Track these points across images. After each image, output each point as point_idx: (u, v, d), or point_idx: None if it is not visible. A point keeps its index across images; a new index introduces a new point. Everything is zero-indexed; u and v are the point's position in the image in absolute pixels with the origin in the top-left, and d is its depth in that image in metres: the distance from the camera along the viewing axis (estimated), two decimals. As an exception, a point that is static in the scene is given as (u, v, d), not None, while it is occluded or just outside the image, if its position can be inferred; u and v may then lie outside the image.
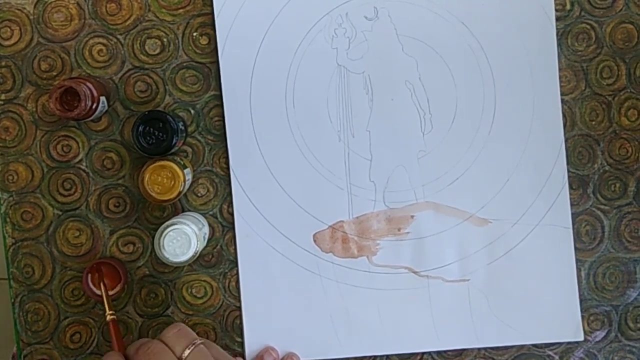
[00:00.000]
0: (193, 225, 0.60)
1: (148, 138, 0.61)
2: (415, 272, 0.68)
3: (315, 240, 0.67)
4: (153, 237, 0.67)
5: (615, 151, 0.68)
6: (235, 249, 0.67)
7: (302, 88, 0.67)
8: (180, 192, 0.62)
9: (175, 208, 0.67)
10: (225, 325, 0.68)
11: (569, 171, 0.68)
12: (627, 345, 0.69)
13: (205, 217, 0.67)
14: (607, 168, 0.68)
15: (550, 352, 0.68)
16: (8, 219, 0.66)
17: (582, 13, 0.67)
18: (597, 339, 0.69)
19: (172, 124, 0.61)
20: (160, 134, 0.61)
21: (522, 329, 0.68)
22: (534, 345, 0.68)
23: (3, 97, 0.66)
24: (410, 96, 0.67)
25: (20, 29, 0.66)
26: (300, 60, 0.67)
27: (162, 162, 0.61)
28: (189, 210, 0.67)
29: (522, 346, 0.68)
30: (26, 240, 0.67)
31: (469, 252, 0.68)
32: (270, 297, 0.67)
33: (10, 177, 0.66)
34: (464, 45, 0.67)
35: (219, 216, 0.67)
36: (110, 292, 0.65)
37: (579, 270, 0.68)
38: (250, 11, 0.66)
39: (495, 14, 0.67)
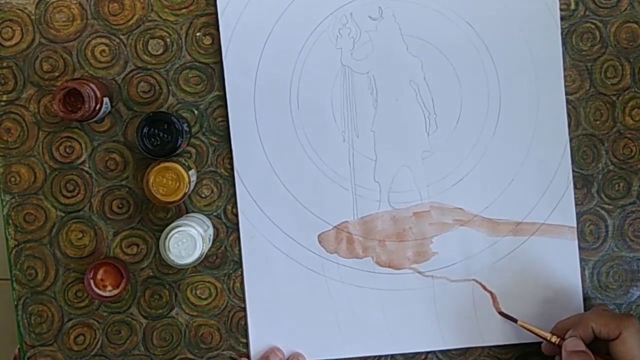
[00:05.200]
0: (198, 227, 0.60)
1: (153, 139, 0.61)
2: (420, 272, 0.68)
3: (320, 241, 0.67)
4: (157, 239, 0.66)
5: (620, 151, 0.68)
6: (239, 249, 0.67)
7: (307, 88, 0.66)
8: (185, 194, 0.61)
9: (179, 209, 0.67)
10: (230, 326, 0.67)
11: (573, 171, 0.68)
12: (630, 343, 0.69)
13: (210, 218, 0.67)
14: (611, 167, 0.68)
15: (554, 351, 0.69)
16: (11, 221, 0.66)
17: (587, 12, 0.67)
18: (601, 338, 0.69)
19: (177, 125, 0.61)
20: (165, 136, 0.61)
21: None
22: (539, 344, 0.68)
23: (5, 98, 0.65)
24: (415, 96, 0.67)
25: (21, 29, 0.65)
26: (304, 61, 0.66)
27: (167, 164, 0.61)
28: (193, 212, 0.67)
29: (526, 345, 0.68)
30: (29, 242, 0.66)
31: (473, 252, 0.68)
32: (275, 298, 0.67)
33: (13, 179, 0.66)
34: (468, 45, 0.67)
35: (223, 217, 0.67)
36: (113, 293, 0.65)
37: (582, 269, 0.68)
38: (254, 11, 0.66)
39: (499, 13, 0.67)
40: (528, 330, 0.66)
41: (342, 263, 0.67)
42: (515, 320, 0.67)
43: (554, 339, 0.64)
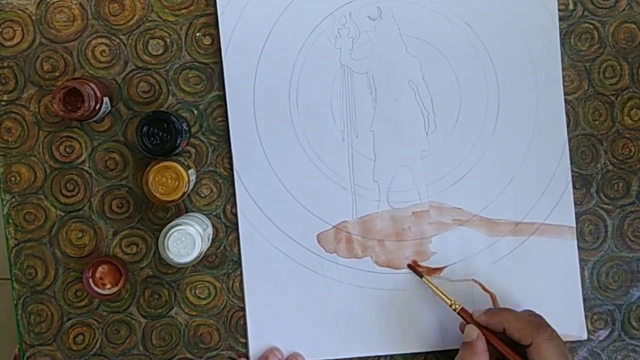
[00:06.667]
0: (197, 226, 0.60)
1: (152, 139, 0.61)
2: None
3: (319, 241, 0.67)
4: (156, 238, 0.66)
5: (618, 150, 0.68)
6: (238, 249, 0.67)
7: (306, 88, 0.67)
8: (184, 193, 0.61)
9: (179, 209, 0.67)
10: (229, 326, 0.67)
11: (572, 171, 0.68)
12: (630, 344, 0.69)
13: (209, 218, 0.67)
14: (610, 167, 0.68)
15: (553, 352, 0.68)
16: (11, 220, 0.66)
17: (585, 13, 0.67)
18: (601, 338, 0.69)
19: (177, 125, 0.61)
20: (165, 135, 0.61)
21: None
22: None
23: (5, 97, 0.66)
24: (414, 96, 0.67)
25: (22, 30, 0.65)
26: (303, 61, 0.66)
27: (166, 163, 0.61)
28: (193, 211, 0.67)
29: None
30: (29, 241, 0.66)
31: (472, 252, 0.68)
32: (274, 298, 0.67)
33: (13, 178, 0.66)
34: (467, 45, 0.67)
35: (222, 217, 0.67)
36: (112, 291, 0.65)
37: (582, 269, 0.68)
38: (254, 11, 0.66)
39: (498, 14, 0.67)
40: (432, 290, 0.65)
41: (341, 263, 0.67)
42: (421, 276, 0.66)
43: (454, 307, 0.64)
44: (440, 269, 0.68)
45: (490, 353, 0.61)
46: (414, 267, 0.66)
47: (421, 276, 0.66)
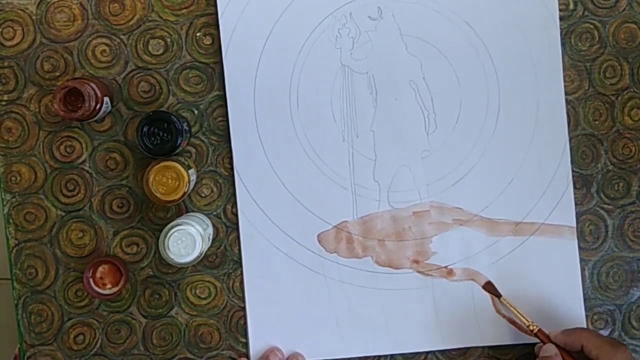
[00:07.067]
0: (198, 226, 0.60)
1: (152, 139, 0.61)
2: (419, 272, 0.68)
3: (319, 241, 0.67)
4: (157, 238, 0.67)
5: (619, 150, 0.68)
6: (239, 249, 0.67)
7: (306, 88, 0.67)
8: (185, 193, 0.61)
9: (179, 209, 0.67)
10: (229, 326, 0.67)
11: (572, 170, 0.68)
12: (630, 344, 0.69)
13: (209, 218, 0.67)
14: (610, 167, 0.68)
15: (554, 351, 0.68)
16: (11, 220, 0.66)
17: (586, 13, 0.67)
18: (601, 338, 0.69)
19: (177, 125, 0.61)
20: (165, 135, 0.61)
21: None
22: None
23: (6, 97, 0.66)
24: (414, 96, 0.67)
25: (22, 29, 0.65)
26: (304, 60, 0.66)
27: (166, 163, 0.61)
28: (193, 211, 0.67)
29: (526, 345, 0.68)
30: (29, 241, 0.66)
31: (473, 252, 0.68)
32: (274, 298, 0.67)
33: (14, 178, 0.66)
34: (467, 45, 0.67)
35: (222, 217, 0.67)
36: (112, 291, 0.65)
37: (582, 269, 0.68)
38: (254, 11, 0.66)
39: (499, 13, 0.67)
40: (510, 310, 0.66)
41: (342, 263, 0.67)
42: (499, 296, 0.66)
43: (532, 327, 0.65)
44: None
45: None
46: (490, 287, 0.67)
47: (499, 296, 0.67)
